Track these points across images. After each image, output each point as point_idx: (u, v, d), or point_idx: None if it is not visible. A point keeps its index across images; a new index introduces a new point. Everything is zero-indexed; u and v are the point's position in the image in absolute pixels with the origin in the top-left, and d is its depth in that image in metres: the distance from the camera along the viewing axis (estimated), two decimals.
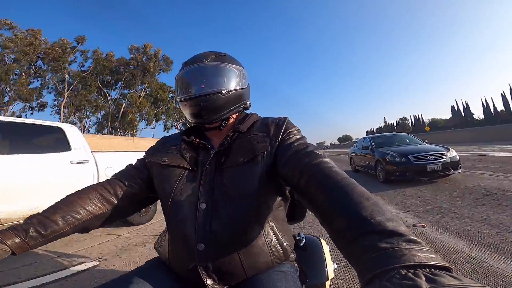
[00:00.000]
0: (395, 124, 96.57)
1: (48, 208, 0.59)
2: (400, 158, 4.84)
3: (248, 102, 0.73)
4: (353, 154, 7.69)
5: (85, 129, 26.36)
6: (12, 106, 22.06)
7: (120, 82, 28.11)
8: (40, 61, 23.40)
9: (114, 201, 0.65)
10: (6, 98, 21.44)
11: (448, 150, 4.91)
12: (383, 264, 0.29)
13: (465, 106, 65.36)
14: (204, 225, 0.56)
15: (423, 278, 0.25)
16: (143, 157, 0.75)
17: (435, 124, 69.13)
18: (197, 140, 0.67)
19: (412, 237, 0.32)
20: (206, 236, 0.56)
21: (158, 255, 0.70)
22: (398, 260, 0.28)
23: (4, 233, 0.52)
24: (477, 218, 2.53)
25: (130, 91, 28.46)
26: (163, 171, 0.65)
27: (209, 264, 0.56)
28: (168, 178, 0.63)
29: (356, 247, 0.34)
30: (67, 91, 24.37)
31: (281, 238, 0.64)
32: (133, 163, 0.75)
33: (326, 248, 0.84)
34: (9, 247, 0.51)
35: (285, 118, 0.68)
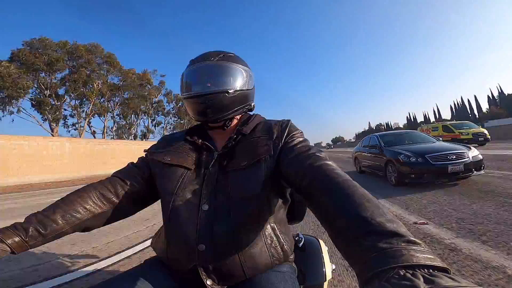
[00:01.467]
0: (374, 128, 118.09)
1: (48, 206, 0.58)
2: (416, 158, 4.30)
3: (252, 104, 0.72)
4: (358, 153, 7.14)
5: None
6: None
7: None
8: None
9: (115, 200, 0.64)
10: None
11: (470, 149, 4.39)
12: (382, 263, 0.29)
13: (414, 116, 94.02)
14: (206, 227, 0.56)
15: (421, 279, 0.25)
16: (144, 155, 0.73)
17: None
18: (200, 140, 0.67)
19: (412, 238, 0.32)
20: (207, 237, 0.56)
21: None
22: (397, 260, 0.29)
23: (4, 232, 0.51)
24: None
25: None
26: (165, 170, 0.64)
27: (209, 265, 0.56)
28: (170, 178, 0.62)
29: (356, 247, 0.34)
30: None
31: (282, 239, 0.64)
32: (135, 161, 0.73)
33: (324, 249, 0.84)
34: (8, 246, 0.50)
35: (288, 121, 0.68)
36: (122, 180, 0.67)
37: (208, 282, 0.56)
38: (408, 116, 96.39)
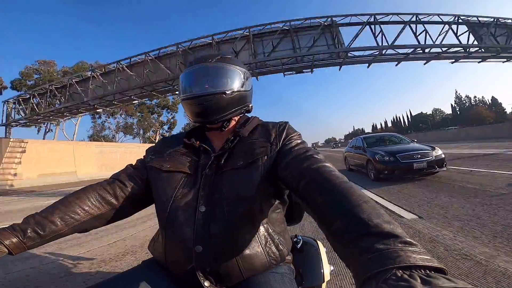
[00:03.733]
0: (355, 131, 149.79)
1: (46, 208, 0.59)
2: (388, 157, 5.13)
3: (250, 105, 0.74)
4: (347, 153, 7.97)
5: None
6: None
7: None
8: None
9: (114, 201, 0.66)
10: None
11: (434, 149, 5.19)
12: (379, 265, 0.29)
13: (375, 125, 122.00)
14: (203, 228, 0.57)
15: (418, 280, 0.26)
16: (143, 157, 0.74)
17: None
18: (198, 143, 0.68)
19: (408, 239, 0.32)
20: (204, 238, 0.56)
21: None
22: (393, 261, 0.29)
23: (2, 233, 0.52)
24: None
25: None
26: (164, 175, 0.65)
27: (207, 266, 0.57)
28: (168, 182, 0.63)
29: (353, 248, 0.34)
30: None
31: (276, 239, 0.64)
32: (133, 163, 0.74)
33: (322, 250, 0.85)
34: (6, 247, 0.51)
35: (286, 123, 0.70)
36: (121, 182, 0.68)
37: (206, 283, 0.56)
38: (373, 124, 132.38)
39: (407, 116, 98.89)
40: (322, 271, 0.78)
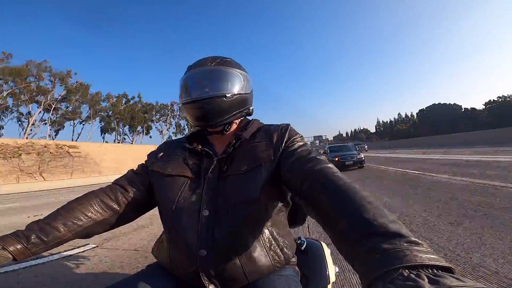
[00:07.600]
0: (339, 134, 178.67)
1: (50, 214, 0.60)
2: (335, 158, 9.53)
3: (251, 108, 0.74)
4: None
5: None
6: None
7: None
8: None
9: (116, 207, 0.67)
10: None
11: (359, 153, 9.58)
12: (385, 264, 0.29)
13: (346, 132, 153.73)
14: (207, 232, 0.57)
15: (426, 279, 0.26)
16: (144, 162, 0.75)
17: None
18: (200, 147, 0.69)
19: (414, 239, 0.32)
20: (208, 242, 0.57)
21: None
22: (400, 261, 0.29)
23: (6, 239, 0.53)
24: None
25: None
26: (166, 179, 0.65)
27: (211, 270, 0.57)
28: (171, 187, 0.64)
29: (359, 248, 0.34)
30: None
31: (281, 243, 0.65)
32: (134, 168, 0.75)
33: (327, 251, 0.85)
34: (10, 253, 0.52)
35: (288, 125, 0.70)
36: (122, 187, 0.69)
37: (211, 287, 0.57)
38: (346, 131, 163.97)
39: (357, 129, 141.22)
40: (327, 272, 0.78)
